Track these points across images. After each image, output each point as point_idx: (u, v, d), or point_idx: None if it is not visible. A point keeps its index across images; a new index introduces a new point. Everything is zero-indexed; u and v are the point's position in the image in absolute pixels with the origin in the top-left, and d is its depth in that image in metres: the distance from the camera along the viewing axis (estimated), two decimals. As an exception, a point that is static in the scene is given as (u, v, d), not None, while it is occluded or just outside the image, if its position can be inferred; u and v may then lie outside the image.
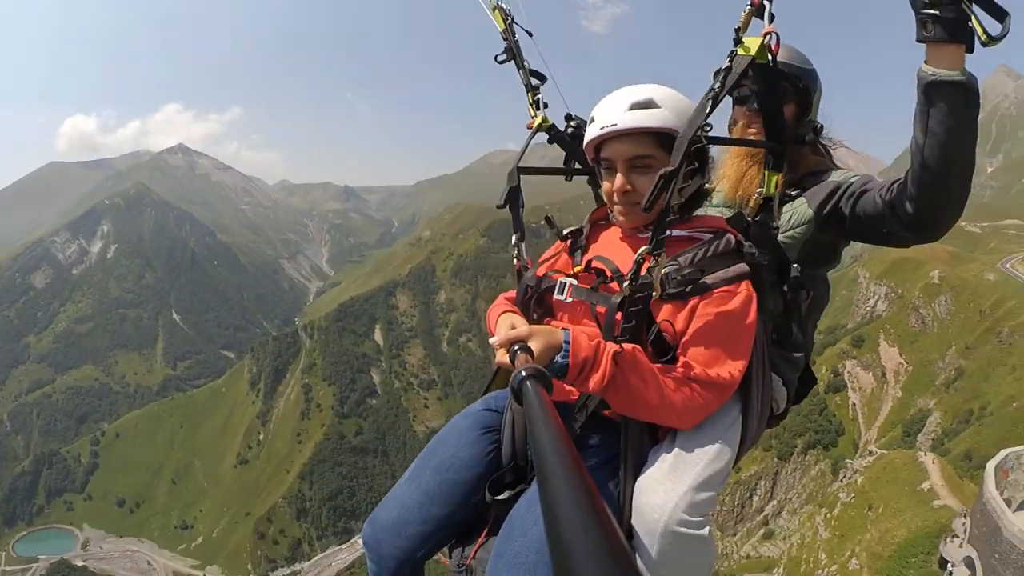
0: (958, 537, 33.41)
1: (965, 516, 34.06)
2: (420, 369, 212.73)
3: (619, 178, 2.28)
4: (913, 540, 38.37)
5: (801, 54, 2.90)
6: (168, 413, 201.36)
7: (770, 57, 2.09)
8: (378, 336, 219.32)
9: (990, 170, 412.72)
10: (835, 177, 2.72)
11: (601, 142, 2.31)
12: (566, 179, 3.19)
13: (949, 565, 32.83)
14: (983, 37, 1.85)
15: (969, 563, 31.09)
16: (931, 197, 2.21)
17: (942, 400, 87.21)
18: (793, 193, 2.76)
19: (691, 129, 2.06)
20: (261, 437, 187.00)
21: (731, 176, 2.88)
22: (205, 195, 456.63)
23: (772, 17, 2.01)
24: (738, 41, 2.08)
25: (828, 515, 49.99)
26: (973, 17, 1.86)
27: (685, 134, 2.06)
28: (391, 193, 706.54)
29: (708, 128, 2.14)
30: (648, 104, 2.18)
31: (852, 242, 2.88)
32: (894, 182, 2.41)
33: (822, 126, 2.96)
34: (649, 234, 2.22)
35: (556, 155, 3.22)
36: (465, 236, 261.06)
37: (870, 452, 59.19)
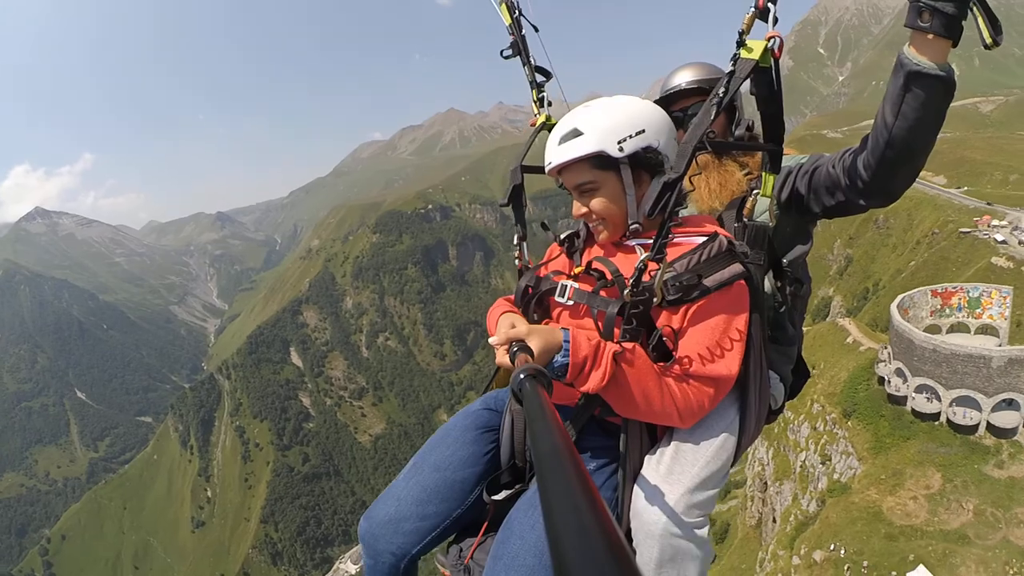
0: (884, 361, 47.61)
1: (886, 347, 48.05)
2: (347, 380, 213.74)
3: (575, 204, 2.37)
4: (854, 375, 52.01)
5: (715, 68, 3.07)
6: (107, 498, 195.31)
7: (773, 61, 2.06)
8: (296, 359, 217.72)
9: (841, 79, 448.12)
10: (786, 162, 2.75)
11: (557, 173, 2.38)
12: None
13: (885, 379, 46.85)
14: (988, 40, 1.86)
15: (899, 373, 45.21)
16: (890, 171, 2.29)
17: (839, 286, 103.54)
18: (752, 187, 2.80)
19: (696, 135, 2.06)
20: (209, 494, 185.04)
21: (703, 191, 2.90)
22: (75, 256, 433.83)
23: (776, 20, 2.00)
24: (741, 44, 2.05)
25: (782, 384, 63.27)
26: (980, 17, 1.87)
27: (690, 140, 2.06)
28: (267, 209, 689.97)
29: (712, 134, 2.17)
30: (574, 134, 2.23)
31: (818, 221, 2.96)
32: (846, 152, 2.49)
33: (753, 122, 2.98)
34: (634, 242, 2.33)
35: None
36: (355, 236, 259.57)
37: (797, 331, 71.21)
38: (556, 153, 2.29)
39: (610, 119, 2.24)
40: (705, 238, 2.25)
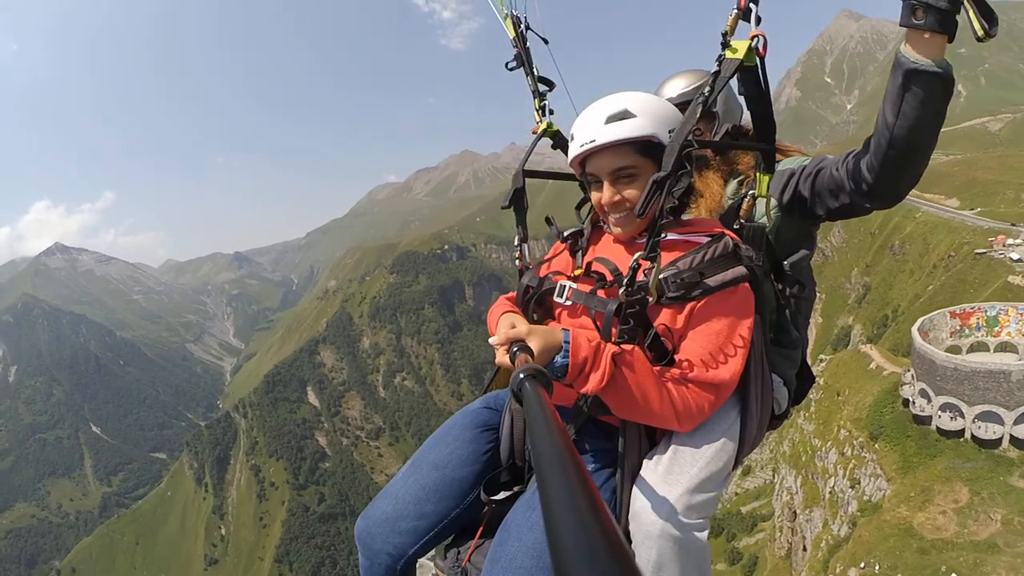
0: (908, 383, 48.30)
1: (909, 370, 48.31)
2: (363, 420, 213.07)
3: (607, 191, 2.28)
4: (879, 399, 52.35)
5: (706, 73, 2.84)
6: (119, 533, 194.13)
7: (758, 59, 2.06)
8: (312, 398, 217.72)
9: (849, 107, 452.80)
10: (789, 164, 2.76)
11: (585, 157, 2.30)
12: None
13: (910, 400, 47.31)
14: (980, 32, 1.84)
15: (923, 393, 45.75)
16: (893, 172, 2.25)
17: (858, 315, 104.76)
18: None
19: (682, 134, 2.06)
20: (223, 532, 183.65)
21: (704, 197, 2.86)
22: (94, 292, 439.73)
23: (759, 20, 2.00)
24: (725, 45, 2.06)
25: (806, 414, 61.63)
26: (971, 10, 1.85)
27: (676, 139, 2.06)
28: (284, 250, 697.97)
29: (699, 132, 2.19)
30: (624, 115, 2.17)
31: (820, 224, 2.91)
32: (849, 154, 2.45)
33: (730, 127, 3.05)
34: (645, 239, 2.23)
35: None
36: (372, 277, 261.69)
37: (820, 359, 70.79)
38: (604, 131, 2.19)
39: (659, 107, 2.22)
40: (710, 238, 2.24)
